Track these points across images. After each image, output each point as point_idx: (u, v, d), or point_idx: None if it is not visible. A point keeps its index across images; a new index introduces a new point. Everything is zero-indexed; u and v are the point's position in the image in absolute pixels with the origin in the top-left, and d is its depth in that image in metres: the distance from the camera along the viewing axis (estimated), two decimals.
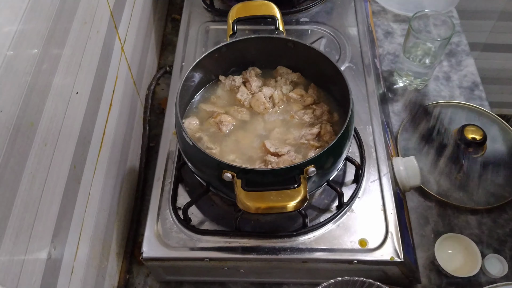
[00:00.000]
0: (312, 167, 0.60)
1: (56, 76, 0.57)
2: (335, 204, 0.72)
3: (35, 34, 0.53)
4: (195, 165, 0.67)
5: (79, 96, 0.64)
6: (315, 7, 1.00)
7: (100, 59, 0.73)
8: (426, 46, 1.02)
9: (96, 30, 0.71)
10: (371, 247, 0.68)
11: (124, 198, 0.85)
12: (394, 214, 0.71)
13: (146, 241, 0.70)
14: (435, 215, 0.84)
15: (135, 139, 0.93)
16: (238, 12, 0.80)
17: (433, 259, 0.78)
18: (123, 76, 0.85)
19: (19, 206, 0.48)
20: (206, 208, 0.73)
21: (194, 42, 0.95)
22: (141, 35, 0.97)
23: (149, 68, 1.04)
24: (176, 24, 1.18)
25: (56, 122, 0.57)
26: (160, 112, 1.02)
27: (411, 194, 0.87)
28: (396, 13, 1.16)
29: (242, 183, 0.59)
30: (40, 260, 0.53)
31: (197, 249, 0.69)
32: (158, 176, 0.76)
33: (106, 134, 0.75)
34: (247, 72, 0.80)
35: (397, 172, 0.77)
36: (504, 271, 0.77)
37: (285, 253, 0.68)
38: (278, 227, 0.71)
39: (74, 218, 0.63)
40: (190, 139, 0.63)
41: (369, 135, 0.79)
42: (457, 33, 1.11)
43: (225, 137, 0.73)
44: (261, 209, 0.58)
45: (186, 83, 0.72)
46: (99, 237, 0.72)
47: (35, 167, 0.52)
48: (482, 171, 0.89)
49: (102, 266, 0.73)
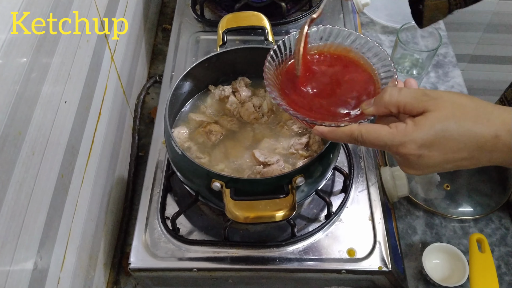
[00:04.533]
0: (301, 176, 0.60)
1: (45, 85, 0.57)
2: (323, 213, 0.73)
3: (24, 43, 0.53)
4: (184, 174, 0.67)
5: (68, 105, 0.64)
6: (304, 18, 1.01)
7: (89, 68, 0.72)
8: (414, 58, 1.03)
9: (86, 39, 0.71)
10: (359, 257, 0.68)
11: (112, 208, 0.84)
12: (382, 224, 0.71)
13: (134, 252, 0.69)
14: (422, 224, 0.85)
15: (124, 149, 0.92)
16: (228, 22, 0.81)
17: (421, 268, 0.78)
18: (112, 85, 0.85)
19: (5, 215, 0.48)
20: (194, 218, 0.73)
21: (184, 52, 0.96)
22: (132, 45, 0.98)
23: (139, 78, 1.05)
24: (167, 34, 1.18)
25: (44, 131, 0.57)
26: (149, 121, 1.02)
27: (399, 203, 0.87)
28: (384, 24, 1.17)
29: (231, 193, 0.59)
30: (26, 270, 0.53)
31: (186, 259, 0.69)
32: (147, 186, 0.75)
33: (94, 143, 0.75)
34: (237, 82, 0.80)
35: (385, 182, 0.78)
36: None
37: (273, 263, 0.68)
38: (267, 237, 0.71)
39: (61, 228, 0.62)
40: (179, 149, 0.64)
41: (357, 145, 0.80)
42: (444, 44, 1.13)
43: (214, 147, 0.74)
44: (249, 219, 0.58)
45: (176, 92, 0.72)
46: (86, 247, 0.71)
47: (22, 176, 0.51)
48: (469, 181, 0.90)
49: (89, 277, 0.72)
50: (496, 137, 0.45)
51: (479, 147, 0.46)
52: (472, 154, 0.46)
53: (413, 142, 0.46)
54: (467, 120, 0.46)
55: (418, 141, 0.46)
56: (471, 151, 0.46)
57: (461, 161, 0.47)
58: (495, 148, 0.46)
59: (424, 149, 0.46)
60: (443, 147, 0.46)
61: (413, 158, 0.47)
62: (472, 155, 0.47)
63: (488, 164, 0.48)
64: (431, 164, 0.48)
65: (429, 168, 0.48)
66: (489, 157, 0.47)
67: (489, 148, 0.46)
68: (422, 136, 0.46)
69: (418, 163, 0.48)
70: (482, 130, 0.45)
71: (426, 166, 0.48)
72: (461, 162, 0.47)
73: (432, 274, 0.77)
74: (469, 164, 0.48)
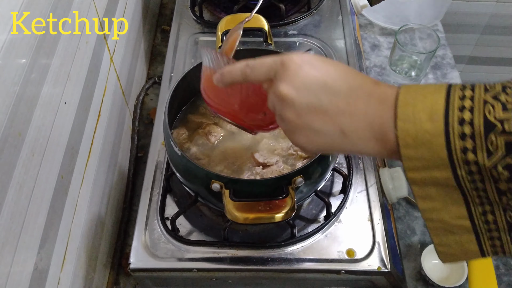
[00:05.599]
0: (300, 177, 0.61)
1: (45, 86, 0.57)
2: (323, 214, 0.73)
3: (24, 44, 0.53)
4: (183, 175, 0.67)
5: (67, 106, 0.64)
6: (303, 20, 1.02)
7: (89, 69, 0.73)
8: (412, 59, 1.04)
9: (85, 40, 0.71)
10: (358, 257, 0.68)
11: (111, 209, 0.84)
12: (381, 224, 0.71)
13: (133, 252, 0.69)
14: (421, 225, 0.85)
15: (124, 149, 0.93)
16: (227, 24, 0.81)
17: (420, 269, 0.78)
18: (112, 87, 0.85)
19: (5, 216, 0.48)
20: (194, 218, 0.73)
21: (183, 53, 0.96)
22: (131, 46, 0.98)
23: (138, 79, 1.05)
24: (166, 35, 1.18)
25: (44, 132, 0.57)
26: (149, 122, 1.02)
27: (398, 204, 0.88)
28: (383, 26, 1.18)
29: (231, 193, 0.59)
30: (26, 271, 0.53)
31: (185, 259, 0.69)
32: (146, 187, 0.76)
33: (94, 144, 0.75)
34: None
35: (384, 183, 0.78)
36: None
37: (273, 264, 0.68)
38: (266, 237, 0.71)
39: (61, 229, 0.62)
40: (178, 150, 0.64)
41: None
42: (442, 46, 1.13)
43: (214, 148, 0.74)
44: (249, 219, 0.58)
45: (175, 93, 0.72)
46: (86, 248, 0.71)
47: (22, 177, 0.52)
48: None
49: (89, 278, 0.72)
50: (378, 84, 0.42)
51: (357, 94, 0.41)
52: (348, 100, 0.41)
53: (293, 60, 0.43)
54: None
55: (298, 60, 0.43)
56: (348, 97, 0.41)
57: (337, 114, 0.42)
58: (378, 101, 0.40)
59: (305, 66, 0.43)
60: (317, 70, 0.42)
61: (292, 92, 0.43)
62: (348, 102, 0.41)
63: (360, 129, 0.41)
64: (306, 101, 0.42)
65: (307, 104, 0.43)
66: (364, 111, 0.41)
67: (369, 93, 0.41)
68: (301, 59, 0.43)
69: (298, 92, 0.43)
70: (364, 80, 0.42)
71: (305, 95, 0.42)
72: (337, 116, 0.42)
73: (431, 275, 0.77)
74: (347, 122, 0.42)
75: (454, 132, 0.36)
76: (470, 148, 0.36)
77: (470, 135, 0.36)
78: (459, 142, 0.36)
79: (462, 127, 0.36)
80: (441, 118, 0.36)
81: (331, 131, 0.42)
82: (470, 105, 0.36)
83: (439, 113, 0.37)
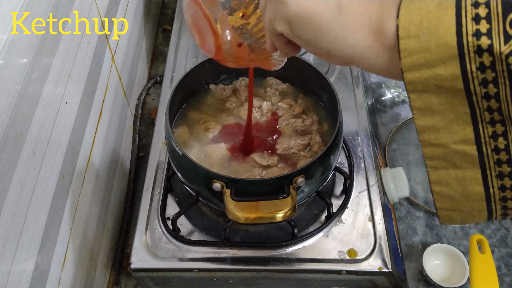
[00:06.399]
0: (301, 177, 0.60)
1: (46, 85, 0.57)
2: (324, 214, 0.73)
3: (25, 43, 0.53)
4: (184, 175, 0.67)
5: (68, 106, 0.64)
6: None
7: (90, 69, 0.73)
8: None
9: (87, 40, 0.71)
10: (359, 258, 0.68)
11: (112, 208, 0.84)
12: (382, 225, 0.71)
13: (134, 252, 0.69)
14: (423, 225, 0.85)
15: (125, 149, 0.93)
16: None
17: (421, 269, 0.78)
18: (113, 86, 0.85)
19: (6, 215, 0.48)
20: (195, 218, 0.73)
21: (185, 52, 0.96)
22: (132, 46, 0.98)
23: (140, 78, 1.05)
24: (167, 35, 1.18)
25: (45, 132, 0.57)
26: (150, 122, 1.02)
27: (399, 204, 0.87)
28: None
29: (232, 193, 0.59)
30: (27, 271, 0.53)
31: (186, 259, 0.69)
32: (148, 186, 0.76)
33: (95, 143, 0.75)
34: (238, 82, 0.81)
35: (385, 183, 0.78)
36: None
37: (274, 264, 0.68)
38: (267, 238, 0.71)
39: (61, 228, 0.62)
40: (180, 149, 0.64)
41: (357, 146, 0.80)
42: None
43: (215, 148, 0.73)
44: (250, 219, 0.58)
45: (176, 93, 0.72)
46: (87, 247, 0.71)
47: (23, 176, 0.52)
48: None
49: (89, 277, 0.72)
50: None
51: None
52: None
53: None
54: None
55: None
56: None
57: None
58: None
59: None
60: None
61: None
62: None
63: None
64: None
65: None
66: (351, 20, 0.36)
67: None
68: None
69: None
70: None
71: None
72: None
73: (433, 275, 0.77)
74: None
75: (466, 15, 0.31)
76: (484, 31, 0.30)
77: (485, 17, 0.31)
78: (471, 25, 0.31)
79: (476, 8, 0.31)
80: (452, 2, 0.32)
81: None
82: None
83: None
